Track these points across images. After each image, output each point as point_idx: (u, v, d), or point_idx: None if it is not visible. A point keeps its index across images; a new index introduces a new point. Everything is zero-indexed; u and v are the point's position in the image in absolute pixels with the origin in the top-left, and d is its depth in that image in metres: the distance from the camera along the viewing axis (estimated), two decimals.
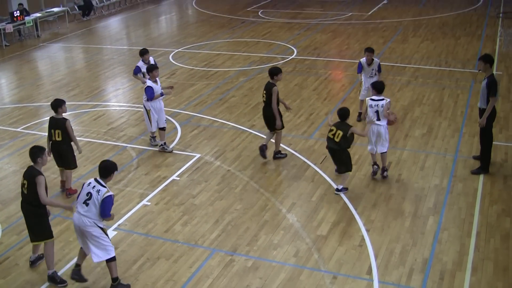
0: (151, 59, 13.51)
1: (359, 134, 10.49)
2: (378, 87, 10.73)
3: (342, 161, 10.33)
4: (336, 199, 10.20)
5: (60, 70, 19.33)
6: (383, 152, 10.79)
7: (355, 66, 15.95)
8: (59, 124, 10.15)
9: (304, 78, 16.97)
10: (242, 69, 18.18)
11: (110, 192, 7.66)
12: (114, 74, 18.40)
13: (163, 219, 9.82)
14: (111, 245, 7.85)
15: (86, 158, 12.11)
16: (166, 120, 12.54)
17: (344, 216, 9.69)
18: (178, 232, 9.41)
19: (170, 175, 11.32)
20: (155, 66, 12.21)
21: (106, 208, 7.60)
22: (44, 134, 13.22)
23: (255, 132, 13.20)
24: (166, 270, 8.44)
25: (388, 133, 10.76)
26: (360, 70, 13.37)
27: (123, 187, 10.93)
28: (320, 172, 11.19)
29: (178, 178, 11.20)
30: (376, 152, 10.83)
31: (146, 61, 13.37)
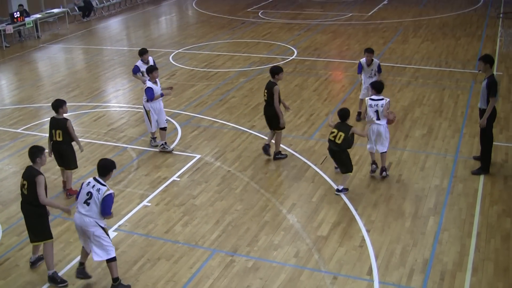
0: (150, 59, 13.51)
1: (359, 134, 10.51)
2: (377, 87, 10.75)
3: (343, 161, 10.35)
4: (336, 200, 10.20)
5: (60, 71, 19.34)
6: (383, 152, 10.81)
7: (355, 66, 15.95)
8: (60, 125, 10.17)
9: (304, 79, 16.98)
10: (242, 69, 18.18)
11: (110, 191, 7.68)
12: (114, 75, 18.40)
13: (163, 219, 9.82)
14: (112, 245, 7.85)
15: (87, 159, 12.12)
16: (167, 120, 12.54)
17: (344, 216, 9.69)
18: (178, 232, 9.41)
19: (170, 175, 11.32)
20: (154, 67, 12.21)
21: (107, 207, 7.63)
22: (44, 135, 13.24)
23: (255, 132, 13.20)
24: (167, 270, 8.44)
25: (388, 132, 10.78)
26: (360, 71, 13.40)
27: (124, 188, 10.93)
28: (321, 172, 11.19)
29: (179, 179, 11.20)
30: (375, 151, 10.86)
31: (145, 61, 13.37)
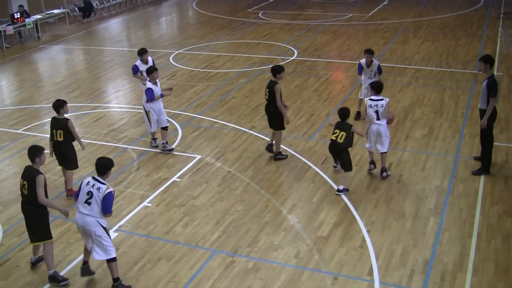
0: (150, 59, 13.52)
1: (359, 133, 10.53)
2: (377, 87, 10.81)
3: (343, 160, 10.38)
4: (337, 200, 10.20)
5: (60, 71, 19.34)
6: (383, 153, 10.82)
7: (355, 67, 15.94)
8: (60, 125, 10.20)
9: (304, 79, 16.97)
10: (243, 70, 18.18)
11: (110, 189, 7.71)
12: (115, 76, 18.40)
13: (164, 220, 9.82)
14: (112, 246, 7.86)
15: (87, 160, 12.11)
16: (167, 120, 12.54)
17: (345, 217, 9.68)
18: (179, 233, 9.41)
19: (170, 176, 11.32)
20: (154, 68, 12.22)
21: (107, 205, 7.66)
22: (45, 135, 13.26)
23: (256, 133, 13.20)
24: (167, 271, 8.44)
25: (388, 132, 10.80)
26: (360, 72, 13.43)
27: (124, 188, 10.93)
28: (321, 173, 11.19)
29: (179, 180, 11.20)
30: (374, 150, 10.90)
31: (145, 60, 13.39)
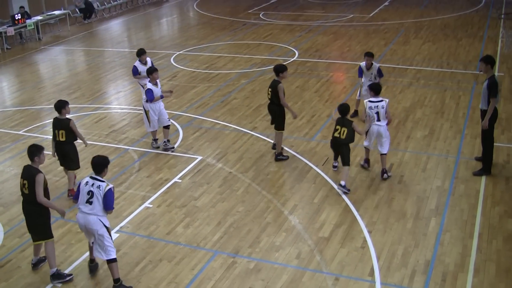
0: (148, 60, 13.54)
1: (358, 131, 10.57)
2: (376, 88, 10.89)
3: (343, 154, 10.50)
4: (338, 201, 10.19)
5: (61, 73, 19.35)
6: (383, 154, 10.84)
7: (356, 68, 15.91)
8: (62, 125, 10.24)
9: (305, 80, 16.97)
10: (244, 71, 18.19)
11: (110, 185, 7.78)
12: (116, 77, 18.41)
13: (165, 221, 9.82)
14: (113, 246, 7.87)
15: (88, 161, 11.94)
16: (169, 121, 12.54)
17: (346, 218, 9.68)
18: (180, 234, 9.41)
19: (172, 177, 11.32)
20: (154, 68, 12.23)
21: (109, 201, 7.72)
22: (46, 136, 13.28)
23: (257, 134, 13.20)
24: (168, 272, 8.44)
25: (388, 132, 10.84)
26: (360, 74, 13.51)
27: (125, 189, 10.93)
28: (322, 174, 11.18)
29: (180, 181, 11.20)
30: (372, 149, 11.02)
31: (143, 61, 13.41)
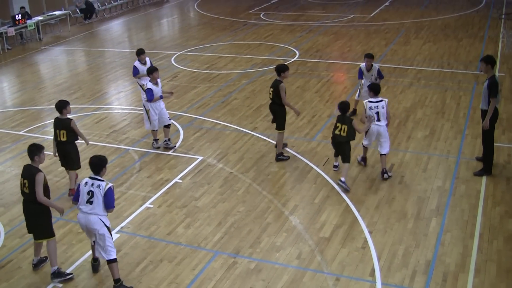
0: (147, 60, 13.56)
1: (357, 129, 10.59)
2: (375, 88, 10.92)
3: (344, 152, 10.54)
4: (338, 201, 10.19)
5: (62, 73, 19.36)
6: (383, 154, 10.85)
7: (357, 68, 15.92)
8: (63, 125, 10.24)
9: (306, 80, 16.98)
10: (244, 71, 18.19)
11: (109, 184, 7.79)
12: (116, 77, 18.42)
13: (165, 221, 9.82)
14: (113, 247, 7.88)
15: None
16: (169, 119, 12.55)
17: (346, 218, 9.68)
18: (180, 234, 9.41)
19: (172, 177, 11.32)
20: (155, 68, 12.23)
21: (110, 200, 7.75)
22: (46, 137, 13.29)
23: (258, 134, 13.20)
24: (169, 272, 8.44)
25: (388, 133, 10.86)
26: (360, 76, 13.53)
27: (126, 190, 10.93)
28: (323, 174, 11.18)
29: (181, 181, 11.20)
30: (370, 147, 11.10)
31: (143, 61, 13.43)
